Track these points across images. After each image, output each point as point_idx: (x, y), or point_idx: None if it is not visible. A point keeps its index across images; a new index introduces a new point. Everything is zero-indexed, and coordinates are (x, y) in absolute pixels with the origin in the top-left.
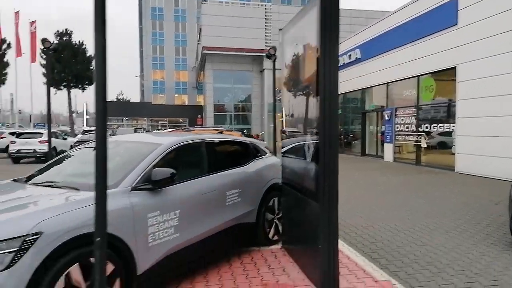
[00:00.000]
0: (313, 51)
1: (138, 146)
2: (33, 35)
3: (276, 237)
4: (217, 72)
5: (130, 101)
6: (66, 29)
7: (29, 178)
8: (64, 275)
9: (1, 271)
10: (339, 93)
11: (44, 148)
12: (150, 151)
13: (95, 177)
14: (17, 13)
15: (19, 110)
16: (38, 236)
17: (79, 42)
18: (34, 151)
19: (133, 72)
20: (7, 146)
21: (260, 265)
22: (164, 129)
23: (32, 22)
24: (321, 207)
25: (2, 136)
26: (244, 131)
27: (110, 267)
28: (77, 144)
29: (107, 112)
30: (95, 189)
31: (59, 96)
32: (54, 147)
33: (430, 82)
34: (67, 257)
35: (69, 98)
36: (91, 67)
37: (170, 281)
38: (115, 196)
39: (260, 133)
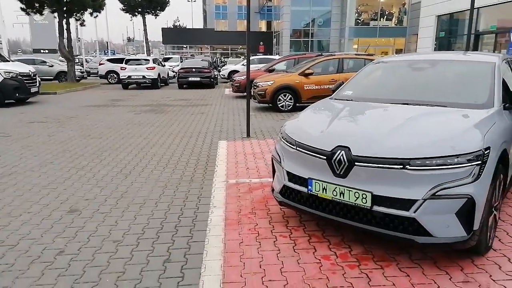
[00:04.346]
0: None
1: (466, 65)
2: None
3: None
4: None
5: (187, 27)
6: None
7: (339, 97)
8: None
9: (472, 182)
10: (445, 13)
11: (152, 74)
12: (489, 70)
13: None
14: None
15: (78, 38)
16: (489, 150)
17: None
18: (144, 77)
19: None
20: (107, 73)
21: None
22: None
23: None
24: None
25: (101, 62)
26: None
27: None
28: (182, 70)
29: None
30: None
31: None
32: (159, 73)
33: None
34: (498, 168)
35: (144, 25)
36: None
37: None
38: (498, 114)
39: None
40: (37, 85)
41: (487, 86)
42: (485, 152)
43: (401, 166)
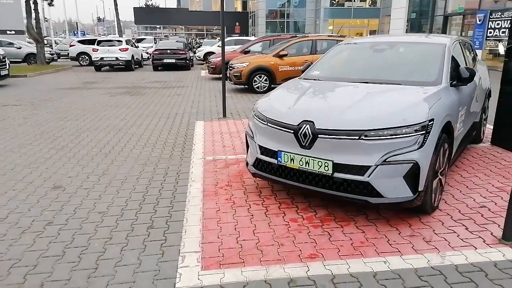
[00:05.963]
0: None
1: (421, 46)
2: None
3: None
4: None
5: (159, 7)
6: None
7: (307, 77)
8: (441, 150)
9: (417, 149)
10: None
11: (125, 56)
12: (440, 51)
13: None
14: None
15: (46, 18)
16: (433, 121)
17: None
18: (117, 59)
19: None
20: (78, 54)
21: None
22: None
23: None
24: None
25: (72, 44)
26: None
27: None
28: (156, 52)
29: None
30: None
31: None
32: (132, 55)
33: None
34: (442, 137)
35: (115, 4)
36: None
37: None
38: (444, 91)
39: None
40: (7, 67)
41: (437, 65)
42: (429, 123)
43: (358, 137)
